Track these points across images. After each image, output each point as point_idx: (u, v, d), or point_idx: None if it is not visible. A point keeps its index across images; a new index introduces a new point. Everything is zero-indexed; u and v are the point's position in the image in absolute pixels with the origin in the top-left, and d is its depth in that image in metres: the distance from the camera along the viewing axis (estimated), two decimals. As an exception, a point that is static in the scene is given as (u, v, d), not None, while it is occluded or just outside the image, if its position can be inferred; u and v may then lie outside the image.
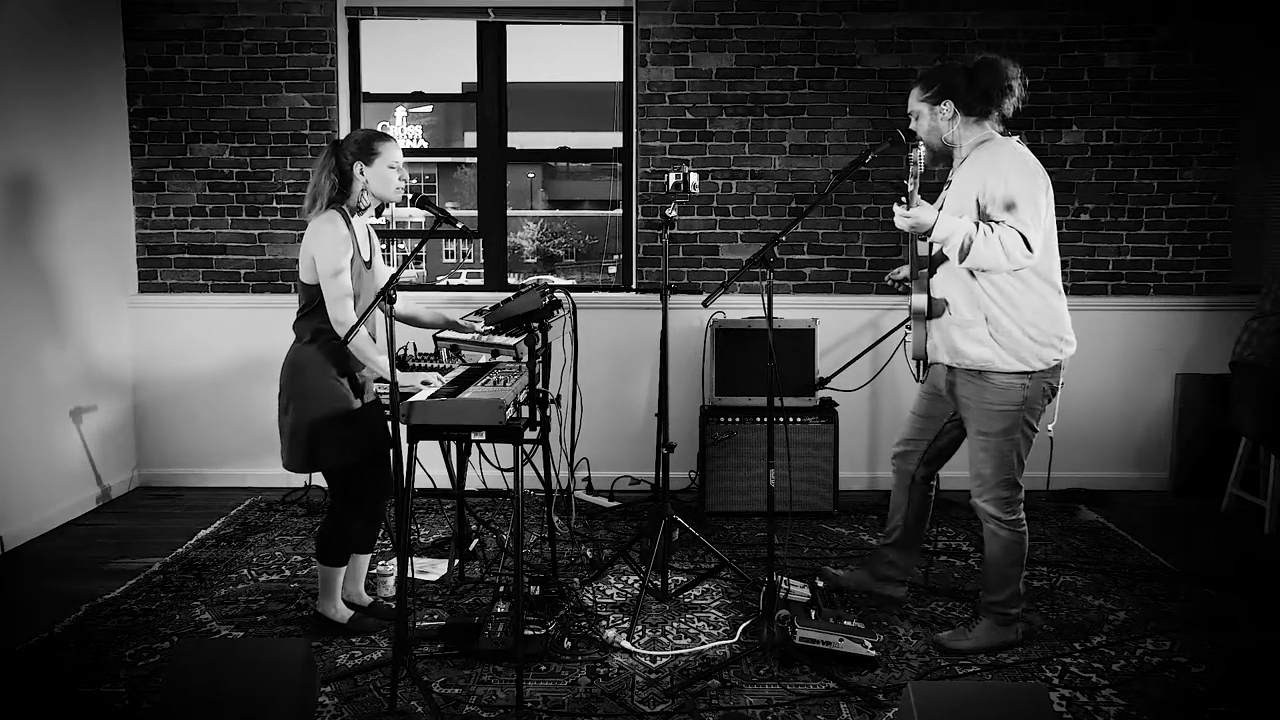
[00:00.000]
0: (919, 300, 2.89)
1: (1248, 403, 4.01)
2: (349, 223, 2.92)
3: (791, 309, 4.66)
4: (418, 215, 4.57)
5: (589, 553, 3.81)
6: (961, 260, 2.70)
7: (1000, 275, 2.75)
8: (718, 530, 4.18)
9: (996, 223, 2.69)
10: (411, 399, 2.67)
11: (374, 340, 2.97)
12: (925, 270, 2.92)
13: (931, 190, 2.94)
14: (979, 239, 2.66)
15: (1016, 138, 2.84)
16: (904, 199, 2.78)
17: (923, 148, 2.84)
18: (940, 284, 2.88)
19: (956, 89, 2.80)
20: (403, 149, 3.07)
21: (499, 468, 3.51)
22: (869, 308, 4.81)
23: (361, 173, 2.92)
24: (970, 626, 3.03)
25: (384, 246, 3.29)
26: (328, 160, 2.93)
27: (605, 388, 4.77)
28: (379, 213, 3.07)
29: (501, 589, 3.15)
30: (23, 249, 4.06)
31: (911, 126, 2.90)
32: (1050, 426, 4.62)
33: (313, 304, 2.91)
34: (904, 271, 3.10)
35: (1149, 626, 3.15)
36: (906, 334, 3.05)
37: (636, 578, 3.55)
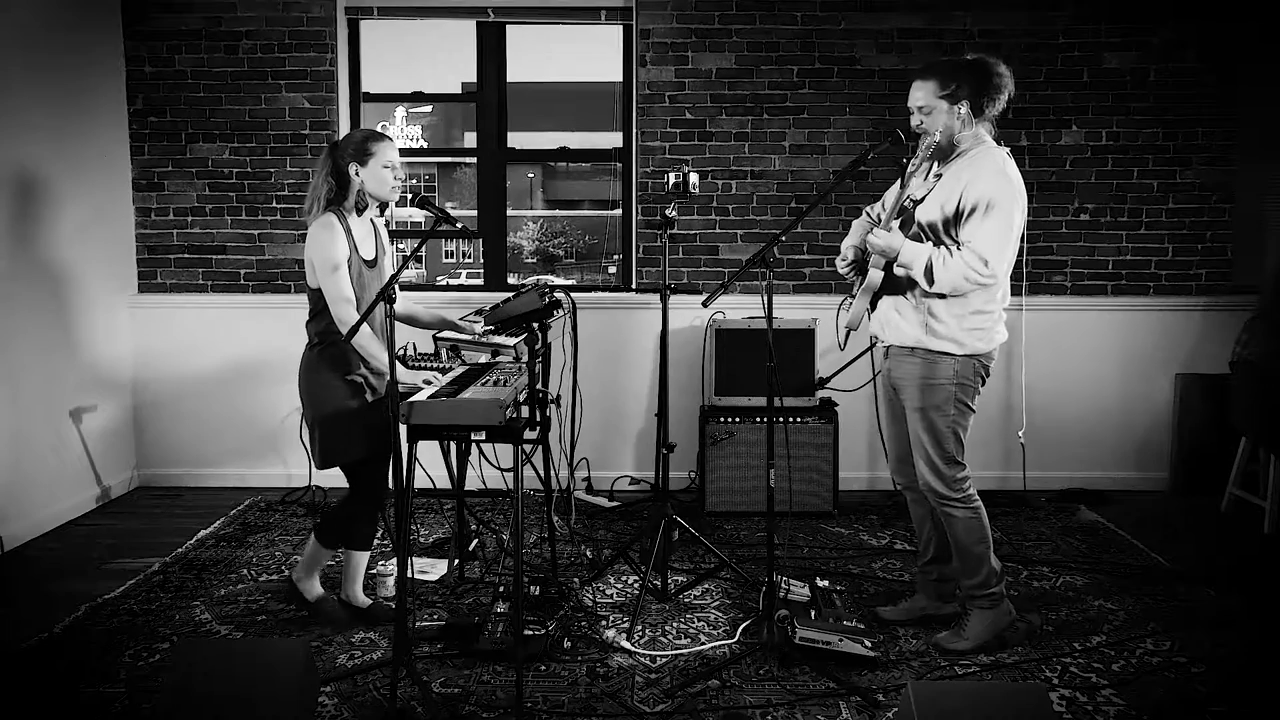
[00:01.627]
0: (875, 276, 2.87)
1: (1248, 402, 4.01)
2: (345, 223, 2.93)
3: (791, 309, 4.65)
4: (418, 215, 4.57)
5: (589, 553, 3.81)
6: (929, 285, 2.74)
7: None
8: (718, 530, 4.18)
9: (958, 243, 2.74)
10: (411, 399, 2.67)
11: (380, 337, 2.98)
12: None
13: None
14: (938, 264, 2.72)
15: (1007, 150, 2.85)
16: (881, 214, 2.88)
17: (924, 147, 2.83)
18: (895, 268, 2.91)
19: (971, 89, 2.78)
20: (403, 149, 3.07)
21: (499, 468, 3.51)
22: (869, 308, 4.81)
23: (357, 173, 2.94)
24: (963, 626, 3.00)
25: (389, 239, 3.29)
26: (325, 162, 2.97)
27: (605, 388, 4.77)
28: (382, 210, 3.08)
29: (501, 589, 3.15)
30: (23, 249, 4.06)
31: (918, 121, 2.83)
32: (1020, 433, 4.62)
33: (319, 307, 2.95)
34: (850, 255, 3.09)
35: (1149, 626, 3.15)
36: (844, 304, 3.06)
37: (636, 578, 3.55)
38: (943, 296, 2.80)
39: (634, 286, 4.89)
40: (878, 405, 3.19)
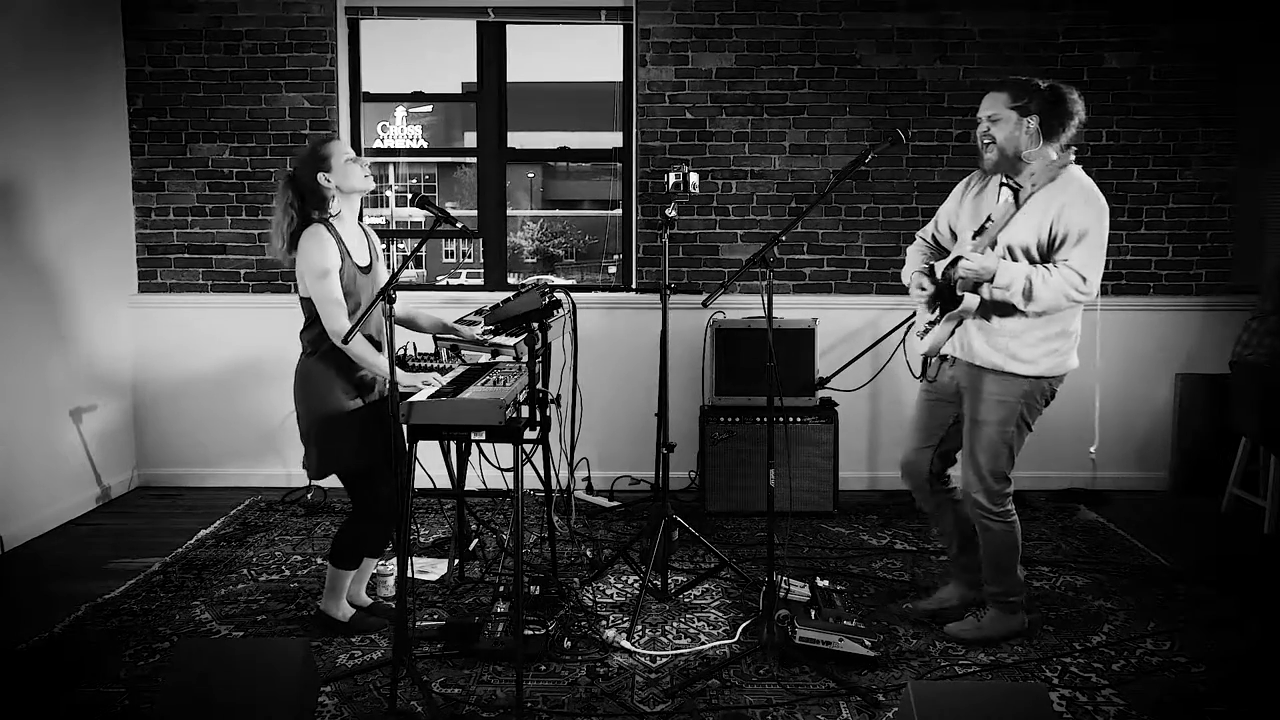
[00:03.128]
0: (971, 301, 2.84)
1: (1248, 402, 4.01)
2: (335, 233, 2.93)
3: (791, 309, 4.66)
4: (418, 215, 4.57)
5: (589, 553, 3.81)
6: (1026, 303, 2.74)
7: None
8: (718, 530, 4.18)
9: (1053, 263, 2.76)
10: (411, 399, 2.67)
11: (380, 341, 2.97)
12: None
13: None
14: (1038, 283, 2.72)
15: (1081, 168, 2.85)
16: (936, 235, 3.01)
17: (989, 160, 2.84)
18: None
19: (1042, 107, 2.79)
20: (403, 149, 3.08)
21: (499, 468, 3.50)
22: (869, 308, 4.81)
23: (328, 180, 2.93)
24: (979, 617, 3.10)
25: (383, 247, 3.29)
26: (284, 194, 2.95)
27: (605, 387, 4.77)
28: (361, 216, 3.09)
29: (501, 589, 3.15)
30: (22, 249, 4.06)
31: (984, 128, 2.84)
32: (1092, 449, 4.62)
33: (312, 316, 2.93)
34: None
35: (1149, 626, 3.15)
36: (911, 326, 3.08)
37: (636, 578, 3.55)
38: (1038, 315, 2.80)
39: (634, 286, 4.89)
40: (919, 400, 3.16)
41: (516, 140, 5.16)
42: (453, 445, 3.59)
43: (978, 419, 2.92)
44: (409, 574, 2.69)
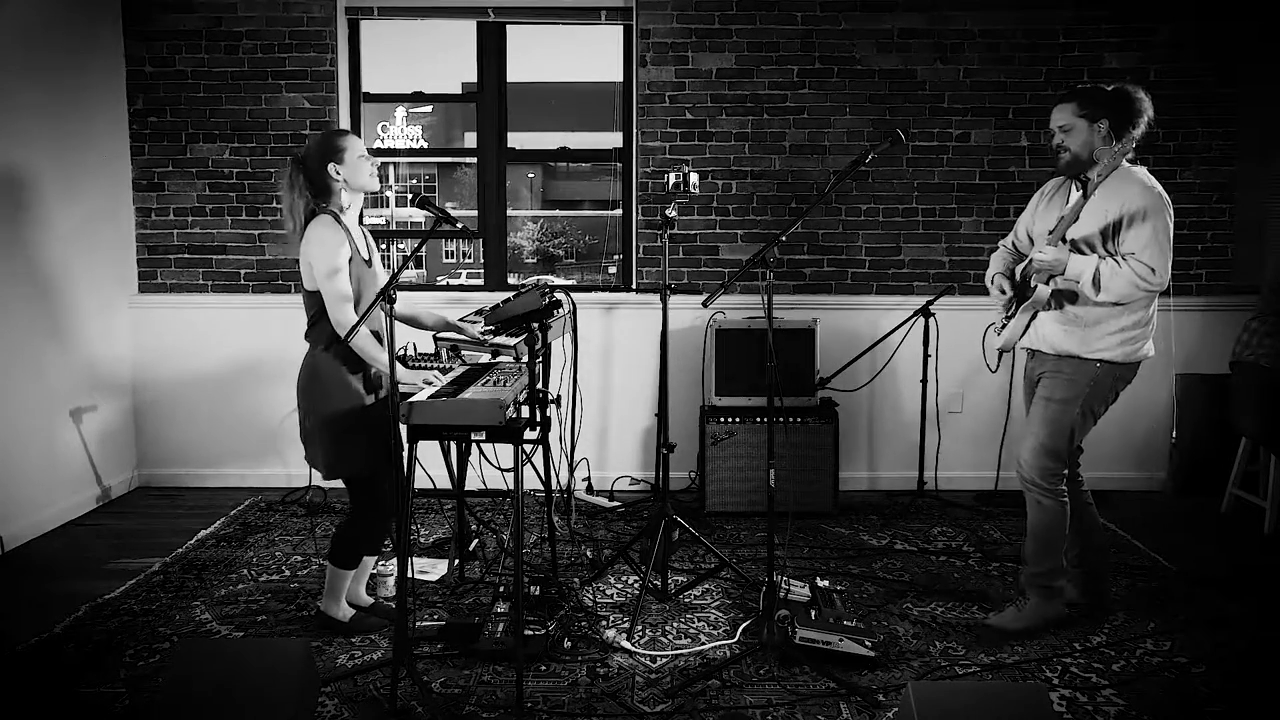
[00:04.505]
0: (1043, 291, 2.96)
1: (1248, 402, 4.01)
2: (343, 224, 2.92)
3: (791, 309, 4.66)
4: (418, 215, 4.57)
5: (589, 553, 3.81)
6: (1097, 294, 2.85)
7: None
8: (718, 530, 4.18)
9: (1122, 255, 2.84)
10: (412, 399, 2.67)
11: (382, 339, 2.96)
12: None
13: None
14: (1107, 273, 2.82)
15: (1144, 166, 2.94)
16: (1016, 243, 3.16)
17: (1064, 163, 2.96)
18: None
19: (1110, 110, 2.90)
20: (403, 149, 3.08)
21: (499, 468, 3.51)
22: (869, 308, 4.81)
23: (337, 173, 2.92)
24: (1020, 606, 3.15)
25: (383, 247, 3.28)
26: (294, 178, 2.92)
27: (605, 388, 4.77)
28: (373, 197, 3.08)
29: (501, 589, 3.15)
30: (22, 249, 4.06)
31: (1059, 140, 2.96)
32: (1174, 435, 4.54)
33: (317, 312, 2.92)
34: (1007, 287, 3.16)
35: (1149, 626, 3.15)
36: (996, 325, 3.18)
37: (636, 578, 3.55)
38: (1114, 305, 2.89)
39: (634, 286, 4.89)
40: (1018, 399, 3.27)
41: (516, 140, 5.16)
42: (453, 445, 3.59)
43: (1045, 396, 3.03)
44: (409, 574, 2.69)
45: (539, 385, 2.92)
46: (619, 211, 5.10)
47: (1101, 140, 2.91)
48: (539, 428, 2.93)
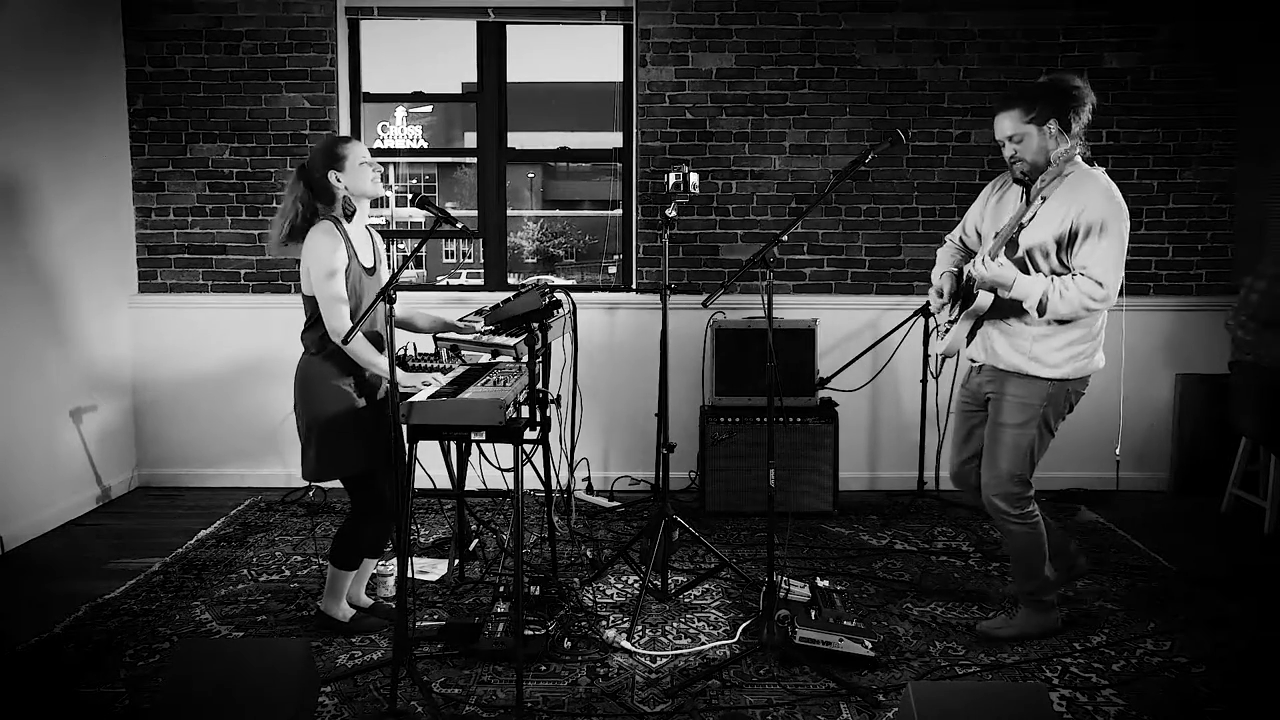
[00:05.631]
0: (985, 299, 2.87)
1: (1247, 402, 4.01)
2: (343, 231, 2.92)
3: (791, 309, 4.66)
4: (418, 215, 4.57)
5: (589, 553, 3.81)
6: (1040, 315, 2.77)
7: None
8: (718, 530, 4.18)
9: (1070, 268, 2.78)
10: (412, 399, 2.67)
11: (382, 340, 2.96)
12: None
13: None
14: (1055, 299, 2.74)
15: (1103, 169, 2.86)
16: (963, 238, 3.06)
17: (1019, 172, 2.84)
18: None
19: (1054, 107, 2.77)
20: (403, 149, 3.08)
21: (499, 468, 3.51)
22: (869, 308, 4.81)
23: (339, 180, 2.92)
24: (1011, 615, 3.13)
25: (385, 248, 3.28)
26: (296, 186, 2.94)
27: (605, 388, 4.77)
28: (375, 205, 3.08)
29: (501, 589, 3.15)
30: (22, 249, 4.06)
31: (1011, 151, 2.84)
32: (1116, 451, 4.46)
33: (314, 315, 2.92)
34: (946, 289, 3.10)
35: (1149, 626, 3.15)
36: (938, 330, 3.12)
37: (636, 578, 3.55)
38: (1060, 322, 2.83)
39: (634, 286, 4.89)
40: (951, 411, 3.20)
41: (516, 140, 5.16)
42: (453, 445, 3.59)
43: (999, 421, 2.95)
44: (409, 574, 2.69)
45: (539, 385, 2.92)
46: (619, 211, 5.10)
47: (1054, 140, 2.79)
48: (539, 428, 2.93)
